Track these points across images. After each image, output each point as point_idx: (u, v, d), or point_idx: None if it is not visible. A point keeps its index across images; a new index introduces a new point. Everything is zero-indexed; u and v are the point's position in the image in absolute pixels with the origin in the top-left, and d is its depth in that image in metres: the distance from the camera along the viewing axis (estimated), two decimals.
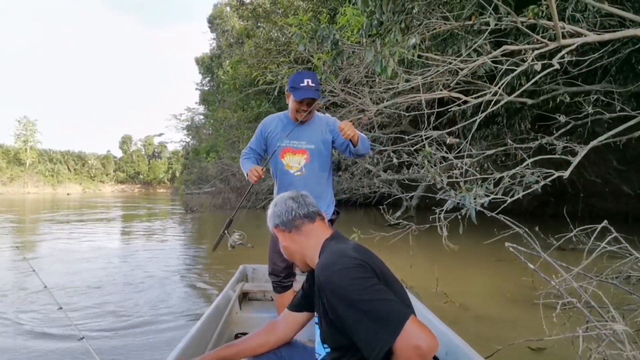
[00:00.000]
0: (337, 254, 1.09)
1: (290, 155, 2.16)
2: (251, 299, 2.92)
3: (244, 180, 14.70)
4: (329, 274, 1.03)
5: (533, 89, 5.26)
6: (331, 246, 1.18)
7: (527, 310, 3.11)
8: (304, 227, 1.26)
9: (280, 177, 2.19)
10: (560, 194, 11.17)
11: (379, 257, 1.17)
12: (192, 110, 25.17)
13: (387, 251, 4.22)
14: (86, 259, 5.77)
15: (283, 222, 1.27)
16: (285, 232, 1.27)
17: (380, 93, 4.79)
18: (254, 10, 10.76)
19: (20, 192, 51.17)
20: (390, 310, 0.93)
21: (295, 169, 2.15)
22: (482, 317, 3.04)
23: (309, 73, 2.20)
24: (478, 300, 3.44)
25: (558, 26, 3.78)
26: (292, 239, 1.26)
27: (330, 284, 1.01)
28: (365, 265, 1.03)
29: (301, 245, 1.25)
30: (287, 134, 2.13)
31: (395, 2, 3.53)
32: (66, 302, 3.62)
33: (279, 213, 1.28)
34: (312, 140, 2.16)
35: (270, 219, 1.31)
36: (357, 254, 1.07)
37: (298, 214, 1.27)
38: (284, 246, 1.29)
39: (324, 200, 2.21)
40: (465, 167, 4.29)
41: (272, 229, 1.31)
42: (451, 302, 3.27)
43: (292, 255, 1.30)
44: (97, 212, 17.24)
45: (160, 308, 3.50)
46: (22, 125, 59.55)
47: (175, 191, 33.13)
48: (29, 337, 2.83)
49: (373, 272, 1.03)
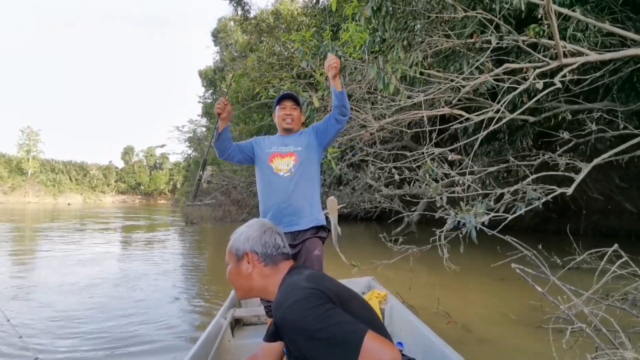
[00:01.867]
0: (290, 288, 1.10)
1: (278, 159, 2.18)
2: (245, 324, 2.84)
3: (244, 193, 14.67)
4: (283, 311, 1.04)
5: (535, 106, 5.27)
6: (286, 281, 1.18)
7: (533, 333, 3.03)
8: (280, 265, 1.24)
9: (268, 181, 2.17)
10: (563, 211, 11.09)
11: (335, 280, 1.18)
12: (194, 123, 25.29)
13: (388, 270, 4.15)
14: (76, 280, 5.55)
15: (264, 254, 1.22)
16: (257, 262, 1.22)
17: (382, 109, 4.80)
18: (257, 25, 10.92)
19: (21, 201, 51.20)
20: (346, 332, 0.95)
21: (284, 170, 2.15)
22: (487, 340, 2.96)
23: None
24: (481, 322, 3.36)
25: (559, 45, 3.80)
26: (261, 272, 1.22)
27: (287, 321, 1.02)
28: (316, 292, 1.04)
29: (267, 280, 1.22)
30: (278, 142, 2.23)
31: (398, 20, 3.56)
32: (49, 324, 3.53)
33: (263, 242, 1.23)
34: (299, 144, 2.20)
35: (247, 241, 1.24)
36: (309, 283, 1.09)
37: (283, 252, 1.25)
38: (246, 276, 1.22)
39: (313, 206, 2.17)
40: (469, 183, 4.27)
41: (242, 251, 1.23)
42: (453, 322, 3.20)
43: (249, 289, 1.24)
44: (96, 223, 17.17)
45: (152, 333, 3.36)
46: (25, 135, 59.97)
47: (176, 203, 33.05)
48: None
49: (326, 297, 1.04)
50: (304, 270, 1.22)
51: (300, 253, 2.08)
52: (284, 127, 2.24)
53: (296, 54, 6.35)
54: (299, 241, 2.09)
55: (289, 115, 2.22)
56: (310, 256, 2.06)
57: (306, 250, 2.07)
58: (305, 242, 2.09)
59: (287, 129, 2.24)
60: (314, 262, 2.04)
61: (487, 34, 4.19)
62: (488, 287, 4.74)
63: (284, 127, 2.24)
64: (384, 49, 3.81)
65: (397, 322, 2.52)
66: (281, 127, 2.25)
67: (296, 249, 2.07)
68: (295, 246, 2.07)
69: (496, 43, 4.00)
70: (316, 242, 2.09)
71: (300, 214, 2.11)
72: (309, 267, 1.32)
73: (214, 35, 23.61)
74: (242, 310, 2.85)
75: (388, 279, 3.79)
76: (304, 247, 2.08)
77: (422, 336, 2.00)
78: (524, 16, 5.19)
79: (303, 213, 2.11)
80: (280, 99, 2.26)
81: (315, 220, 2.14)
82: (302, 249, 2.08)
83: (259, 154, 2.24)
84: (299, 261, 2.06)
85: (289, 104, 2.24)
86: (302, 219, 2.11)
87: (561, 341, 1.73)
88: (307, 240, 2.09)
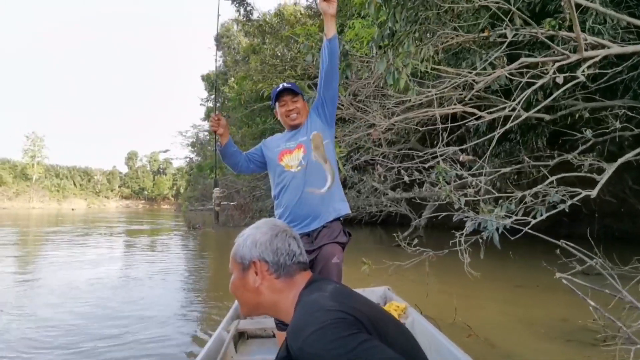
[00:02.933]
0: (310, 309, 0.84)
1: (288, 155, 1.99)
2: (250, 337, 2.60)
3: (247, 197, 14.47)
4: (302, 341, 0.78)
5: (550, 104, 5.04)
6: (304, 298, 0.92)
7: (564, 347, 2.74)
8: (296, 277, 0.99)
9: (280, 181, 1.98)
10: (574, 214, 10.78)
11: (365, 297, 0.93)
12: (197, 127, 25.26)
13: (400, 277, 3.91)
14: (76, 285, 5.39)
15: (275, 263, 0.97)
16: (267, 274, 0.97)
17: (390, 108, 4.58)
18: (260, 27, 10.76)
19: (26, 206, 51.32)
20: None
21: (294, 166, 1.95)
22: (514, 356, 2.68)
23: (282, 83, 2.18)
24: (505, 334, 3.09)
25: (580, 37, 3.58)
26: (272, 285, 0.97)
27: (306, 355, 0.77)
28: (346, 317, 0.79)
29: (279, 296, 0.97)
30: (285, 139, 2.05)
31: (409, 11, 3.34)
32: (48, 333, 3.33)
33: (275, 248, 0.98)
34: (305, 133, 1.99)
35: (255, 247, 0.99)
36: (335, 303, 0.84)
37: (299, 260, 1.00)
38: (253, 289, 0.98)
39: (331, 197, 1.93)
40: (482, 185, 4.04)
41: (249, 260, 0.98)
42: (475, 335, 2.94)
43: (256, 304, 1.00)
44: (99, 228, 17.03)
45: (149, 347, 3.12)
46: (30, 141, 60.33)
47: (179, 207, 32.97)
48: None
49: (357, 323, 0.79)
50: (326, 284, 0.97)
51: (316, 260, 1.85)
52: (290, 124, 2.03)
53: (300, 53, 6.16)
54: (316, 246, 1.87)
55: (291, 110, 2.00)
56: (327, 264, 1.83)
57: (323, 257, 1.84)
58: (323, 247, 1.86)
59: (295, 125, 2.02)
60: (332, 271, 1.82)
61: (502, 27, 3.97)
62: (506, 295, 4.48)
63: (290, 124, 2.03)
64: (394, 42, 3.59)
65: (420, 338, 2.26)
66: (287, 124, 2.04)
67: (312, 255, 1.85)
68: (312, 252, 1.85)
69: (513, 36, 3.77)
70: (335, 249, 1.87)
71: (316, 211, 1.90)
72: (331, 280, 1.05)
73: (217, 40, 23.61)
74: (246, 322, 2.61)
75: (401, 288, 3.54)
76: (321, 254, 1.85)
77: (450, 354, 1.77)
78: (537, 10, 4.99)
79: (320, 210, 1.90)
80: (277, 95, 2.03)
81: (334, 212, 1.93)
82: (318, 255, 1.86)
83: (269, 156, 2.06)
84: (315, 269, 1.83)
85: (287, 98, 2.01)
86: (318, 216, 1.90)
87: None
88: (324, 246, 1.87)
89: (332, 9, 1.83)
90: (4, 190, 52.42)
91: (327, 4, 1.81)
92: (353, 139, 5.11)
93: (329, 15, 1.83)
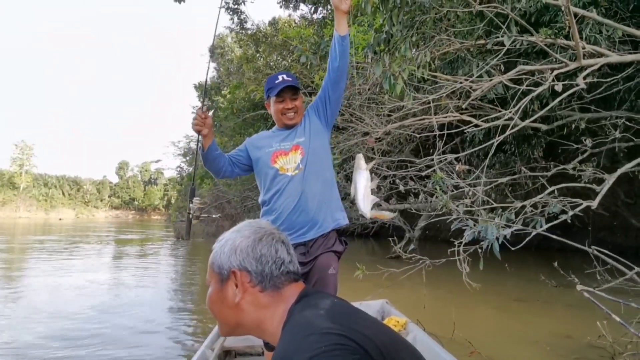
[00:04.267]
0: (302, 332, 0.67)
1: (283, 157, 1.81)
2: (238, 354, 2.41)
3: (239, 208, 14.24)
4: None
5: (547, 114, 4.99)
6: (295, 316, 0.75)
7: None
8: (284, 289, 0.81)
9: (274, 183, 1.80)
10: (567, 227, 10.76)
11: (369, 315, 0.77)
12: (189, 137, 25.03)
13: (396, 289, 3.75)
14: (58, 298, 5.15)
15: (259, 273, 0.80)
16: (250, 286, 0.79)
17: (386, 114, 4.48)
18: (253, 35, 10.72)
19: (12, 216, 50.28)
20: None
21: (291, 170, 1.78)
22: None
23: (282, 72, 1.94)
24: (510, 352, 2.93)
25: (579, 45, 3.52)
26: (255, 300, 0.79)
27: None
28: (346, 342, 0.63)
29: (263, 313, 0.79)
30: (279, 139, 1.85)
31: (406, 15, 3.26)
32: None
33: (258, 255, 0.80)
34: (303, 133, 1.83)
35: (234, 253, 0.82)
36: (333, 324, 0.67)
37: (288, 270, 0.82)
38: (232, 305, 0.80)
39: (329, 203, 1.80)
40: (478, 196, 3.93)
41: (228, 269, 0.81)
42: (477, 353, 2.77)
43: (236, 323, 0.81)
44: (86, 239, 16.60)
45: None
46: (19, 149, 59.45)
47: (169, 218, 32.48)
48: None
49: (360, 350, 0.63)
50: (322, 299, 0.78)
51: (311, 272, 1.70)
52: (286, 123, 1.85)
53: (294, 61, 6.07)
54: (311, 257, 1.72)
55: (290, 108, 1.82)
56: (323, 276, 1.69)
57: (319, 268, 1.70)
58: (318, 258, 1.71)
59: (290, 126, 1.85)
60: (329, 284, 1.68)
61: (499, 33, 3.92)
62: (505, 309, 4.33)
63: (286, 123, 1.85)
64: (390, 47, 3.50)
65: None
66: (281, 122, 1.86)
67: (307, 267, 1.70)
68: (306, 264, 1.69)
69: (510, 43, 3.71)
70: (331, 259, 1.73)
71: (313, 220, 1.74)
72: (327, 294, 0.85)
73: (211, 51, 23.64)
74: (233, 339, 2.41)
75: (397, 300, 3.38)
76: (317, 264, 1.71)
77: None
78: (533, 20, 4.98)
79: (317, 218, 1.75)
80: (279, 89, 1.80)
81: (334, 222, 1.79)
82: (313, 268, 1.71)
83: (257, 157, 1.87)
84: (310, 282, 1.67)
85: (287, 95, 1.82)
86: (316, 225, 1.75)
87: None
88: (320, 256, 1.71)
89: (345, 5, 1.70)
90: None
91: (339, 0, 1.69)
92: (347, 147, 4.99)
93: (340, 11, 1.70)
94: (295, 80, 1.86)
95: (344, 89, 1.89)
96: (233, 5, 8.60)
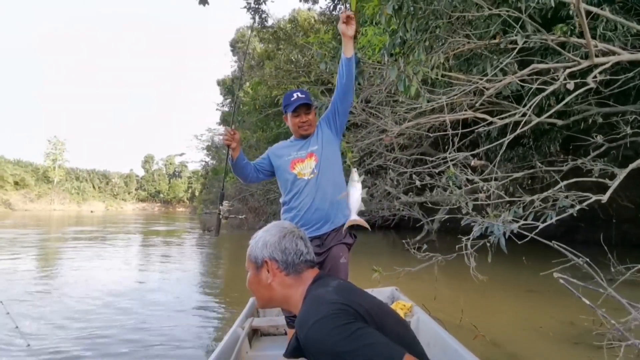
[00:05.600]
0: (315, 302, 0.98)
1: (300, 164, 2.11)
2: (263, 334, 2.72)
3: (262, 201, 14.66)
4: (307, 329, 0.92)
5: (563, 109, 5.05)
6: (311, 293, 1.06)
7: (571, 350, 2.80)
8: (304, 273, 1.11)
9: (293, 187, 2.11)
10: (591, 220, 10.61)
11: (366, 292, 1.06)
12: (212, 131, 25.59)
13: (410, 279, 3.98)
14: (97, 284, 5.66)
15: (284, 262, 1.10)
16: (278, 271, 1.10)
17: (402, 113, 4.67)
18: (274, 33, 10.97)
19: (47, 208, 52.74)
20: (379, 355, 0.84)
21: (307, 174, 2.08)
22: (518, 356, 2.75)
23: (296, 90, 2.24)
24: (511, 336, 3.14)
25: (591, 44, 3.61)
26: (283, 282, 1.10)
27: (311, 341, 0.91)
28: (346, 308, 0.92)
29: (289, 292, 1.10)
30: (296, 148, 2.15)
31: (420, 20, 3.44)
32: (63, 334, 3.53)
33: (283, 248, 1.11)
34: (316, 142, 2.12)
35: (266, 247, 1.12)
36: (338, 297, 0.97)
37: (306, 259, 1.12)
38: (266, 285, 1.11)
39: (340, 204, 2.05)
40: (493, 190, 4.08)
41: (261, 259, 1.11)
42: (481, 336, 3.00)
43: (269, 299, 1.12)
44: (118, 230, 17.45)
45: (166, 344, 3.30)
46: (52, 145, 62.11)
47: (194, 210, 33.46)
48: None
49: (356, 313, 0.92)
50: (331, 280, 1.09)
51: (325, 261, 2.00)
52: (301, 134, 2.15)
53: (314, 57, 6.29)
54: (325, 248, 2.02)
55: (304, 122, 2.11)
56: (335, 264, 1.98)
57: (332, 258, 2.00)
58: (332, 249, 2.01)
59: (305, 136, 2.16)
60: (340, 270, 1.97)
61: (512, 33, 4.02)
62: (516, 299, 4.51)
63: (301, 134, 2.15)
64: (405, 50, 3.69)
65: (424, 336, 2.37)
66: (297, 133, 2.17)
67: (322, 257, 2.00)
68: (322, 254, 2.00)
69: (523, 42, 3.82)
70: (342, 249, 2.02)
71: (326, 216, 2.04)
72: (335, 277, 1.18)
73: (232, 45, 23.99)
74: (260, 319, 2.74)
75: (410, 289, 3.62)
76: (330, 255, 2.01)
77: (453, 352, 1.85)
78: (550, 16, 5.01)
79: (330, 215, 2.04)
80: (294, 107, 2.09)
81: (344, 218, 2.03)
82: (327, 257, 2.01)
83: (278, 164, 2.18)
84: (324, 268, 1.98)
85: (301, 110, 2.11)
86: (329, 221, 2.04)
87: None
88: (332, 247, 2.01)
89: (351, 31, 1.96)
90: (26, 193, 53.96)
91: (346, 27, 1.95)
92: (365, 144, 5.22)
93: (347, 37, 1.97)
94: (308, 98, 2.13)
95: (351, 103, 2.16)
96: (254, 5, 8.84)
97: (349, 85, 2.05)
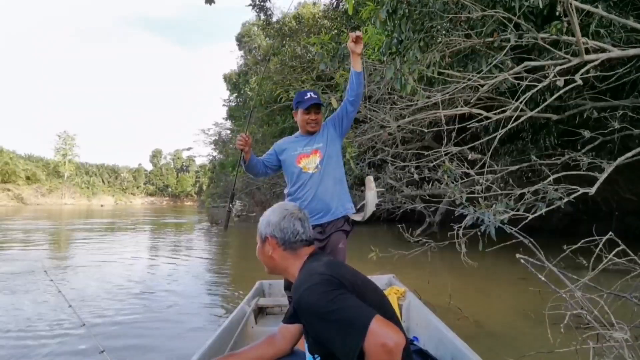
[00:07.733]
0: (308, 274, 1.19)
1: (305, 159, 2.33)
2: (268, 314, 2.98)
3: (268, 194, 14.92)
4: (300, 294, 1.12)
5: (559, 104, 5.18)
6: (306, 266, 1.27)
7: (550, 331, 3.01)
8: (300, 250, 1.32)
9: (298, 179, 2.33)
10: (594, 212, 10.71)
11: (352, 268, 1.27)
12: (219, 126, 25.85)
13: (409, 266, 4.22)
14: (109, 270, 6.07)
15: (283, 239, 1.31)
16: (277, 246, 1.32)
17: (400, 110, 4.86)
18: (280, 29, 11.14)
19: (58, 203, 53.64)
20: (354, 315, 1.02)
21: (312, 168, 2.30)
22: (499, 334, 2.98)
23: (309, 90, 2.50)
24: (495, 318, 3.38)
25: (581, 42, 3.76)
26: (282, 255, 1.32)
27: (303, 304, 1.11)
28: (331, 278, 1.12)
29: (287, 263, 1.32)
30: (302, 144, 2.36)
31: (414, 22, 3.62)
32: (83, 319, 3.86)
33: (282, 227, 1.32)
34: (321, 140, 2.34)
35: (268, 226, 1.34)
36: (326, 269, 1.17)
37: (302, 238, 1.33)
38: (268, 256, 1.33)
39: (340, 196, 2.32)
40: (488, 183, 4.26)
41: (264, 235, 1.34)
42: (465, 317, 3.24)
43: (273, 267, 1.35)
44: (128, 223, 17.88)
45: (181, 318, 3.68)
46: (62, 140, 63.07)
47: (202, 204, 33.87)
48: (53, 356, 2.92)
49: (340, 283, 1.12)
50: (323, 257, 1.31)
51: (326, 247, 2.25)
52: (308, 130, 2.36)
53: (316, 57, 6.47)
54: (326, 235, 2.26)
55: (314, 120, 2.32)
56: (335, 249, 2.23)
57: (332, 243, 2.25)
58: (331, 236, 2.26)
59: (312, 132, 2.37)
60: (339, 254, 2.23)
61: (507, 32, 4.18)
62: (507, 286, 4.74)
63: (308, 130, 2.36)
64: (401, 50, 3.87)
65: (414, 318, 2.60)
66: (305, 129, 2.37)
67: (323, 242, 2.25)
68: (322, 240, 2.25)
69: (515, 41, 3.98)
70: (341, 236, 2.27)
71: (328, 207, 2.28)
72: (326, 255, 1.42)
73: (238, 40, 24.12)
74: (265, 299, 3.01)
75: (408, 276, 3.87)
76: (330, 241, 2.26)
77: (436, 330, 2.07)
78: (546, 13, 5.13)
79: (331, 206, 2.28)
80: (308, 105, 2.29)
81: (344, 210, 2.31)
82: (328, 243, 2.26)
83: (284, 159, 2.39)
84: (325, 252, 2.22)
85: (313, 110, 2.31)
86: (330, 211, 2.28)
87: (563, 328, 1.78)
88: (332, 234, 2.26)
89: (359, 48, 2.20)
90: (38, 187, 54.93)
91: (355, 45, 2.19)
92: (366, 139, 5.42)
93: (356, 54, 2.20)
94: (319, 99, 2.34)
95: (358, 107, 2.40)
96: (260, 2, 9.04)
97: (358, 96, 2.29)
